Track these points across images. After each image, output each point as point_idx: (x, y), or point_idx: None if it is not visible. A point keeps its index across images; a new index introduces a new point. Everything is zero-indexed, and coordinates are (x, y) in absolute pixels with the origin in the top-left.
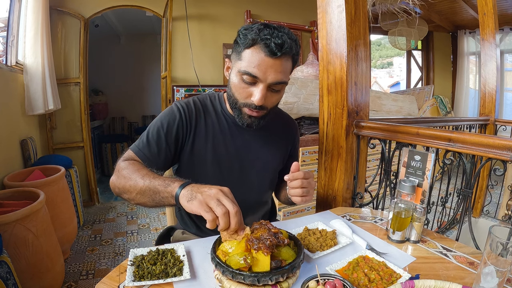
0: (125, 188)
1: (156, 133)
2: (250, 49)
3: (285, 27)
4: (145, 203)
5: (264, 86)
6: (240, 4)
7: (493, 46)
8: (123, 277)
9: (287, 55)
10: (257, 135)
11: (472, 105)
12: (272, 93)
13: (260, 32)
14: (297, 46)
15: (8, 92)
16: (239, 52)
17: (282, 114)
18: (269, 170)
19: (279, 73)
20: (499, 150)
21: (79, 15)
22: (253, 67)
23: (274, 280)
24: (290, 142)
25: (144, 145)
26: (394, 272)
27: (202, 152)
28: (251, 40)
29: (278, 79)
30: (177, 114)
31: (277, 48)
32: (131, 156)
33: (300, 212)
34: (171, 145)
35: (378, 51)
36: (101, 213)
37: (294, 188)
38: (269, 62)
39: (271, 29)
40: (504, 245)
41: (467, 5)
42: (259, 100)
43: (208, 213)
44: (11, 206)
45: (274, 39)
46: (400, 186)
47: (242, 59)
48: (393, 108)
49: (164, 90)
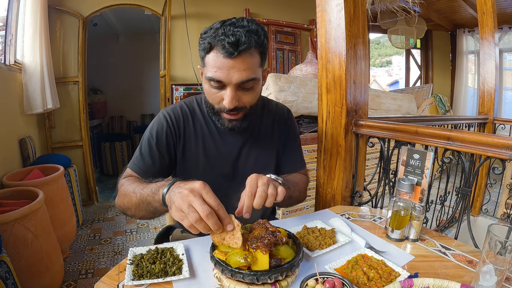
0: (125, 206)
1: (148, 145)
2: (210, 54)
3: (244, 19)
4: (144, 216)
5: (231, 88)
6: (239, 3)
7: (492, 45)
8: (123, 276)
9: (247, 50)
10: (247, 134)
11: (471, 103)
12: (244, 91)
13: (216, 33)
14: (260, 36)
15: (6, 91)
16: (202, 58)
17: (270, 106)
18: (263, 169)
19: (243, 71)
20: (498, 148)
21: (78, 14)
22: (215, 71)
23: (273, 279)
24: (283, 132)
25: (139, 159)
26: (393, 271)
27: (194, 157)
28: (209, 44)
29: (243, 78)
30: (164, 122)
31: (233, 47)
32: (129, 173)
33: (299, 210)
34: (164, 154)
35: (377, 49)
36: (100, 212)
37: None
38: (229, 63)
39: (228, 26)
40: (502, 243)
41: (466, 4)
42: (229, 103)
43: (183, 220)
44: (10, 206)
45: (229, 38)
46: (399, 185)
47: (206, 65)
48: (392, 106)
49: (163, 89)
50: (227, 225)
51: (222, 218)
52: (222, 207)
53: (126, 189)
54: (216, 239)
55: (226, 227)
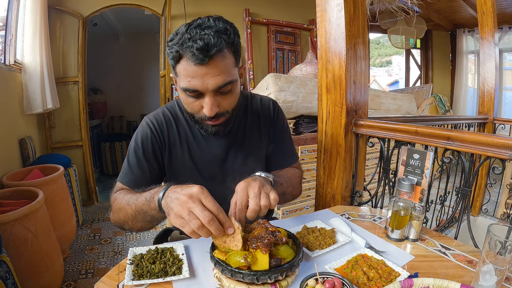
0: (121, 221)
1: (135, 155)
2: (180, 63)
3: (210, 18)
4: (144, 227)
5: (209, 96)
6: (239, 3)
7: (492, 45)
8: (122, 276)
9: (219, 53)
10: (233, 135)
11: (471, 103)
12: (223, 95)
13: (182, 40)
14: (229, 34)
15: (6, 91)
16: (173, 68)
17: (254, 101)
18: (252, 169)
19: (218, 76)
20: (497, 148)
21: (78, 14)
22: (188, 81)
23: (273, 279)
24: (271, 127)
25: (127, 171)
26: (393, 271)
27: (180, 162)
28: (177, 53)
29: (219, 83)
30: (148, 130)
31: (203, 53)
32: (120, 186)
33: (299, 210)
34: (152, 162)
35: (377, 49)
36: (100, 212)
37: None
38: (202, 70)
39: (193, 30)
40: (502, 243)
41: (466, 4)
42: (209, 111)
43: (184, 227)
44: (10, 206)
45: (196, 44)
46: (399, 185)
47: (178, 75)
48: (392, 106)
49: (163, 89)
50: (228, 229)
51: (223, 222)
52: (222, 211)
53: (119, 203)
54: (217, 241)
55: (227, 231)
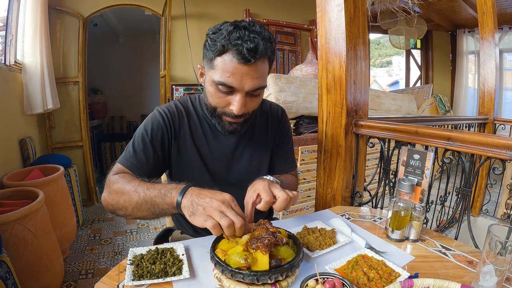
0: (119, 204)
1: (142, 140)
2: (222, 57)
3: (256, 24)
4: (144, 217)
5: (242, 95)
6: (239, 3)
7: (492, 45)
8: (123, 276)
9: (262, 58)
10: (241, 135)
11: (471, 104)
12: (251, 98)
13: (229, 36)
14: (272, 44)
15: (7, 92)
16: (210, 60)
17: (264, 106)
18: (257, 169)
19: (256, 79)
20: (498, 149)
21: (78, 14)
22: (227, 76)
23: (274, 279)
24: (277, 132)
25: (131, 155)
26: (393, 271)
27: (188, 157)
28: (221, 47)
29: (255, 86)
30: (160, 119)
31: (251, 53)
32: (120, 168)
33: (299, 211)
34: (158, 151)
35: (377, 50)
36: (100, 212)
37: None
38: (244, 70)
39: (242, 30)
40: (503, 244)
41: (466, 4)
42: (238, 109)
43: (207, 221)
44: (10, 206)
45: (246, 44)
46: (399, 185)
47: (215, 67)
48: (392, 107)
49: (163, 89)
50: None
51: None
52: (246, 218)
53: (122, 187)
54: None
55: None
